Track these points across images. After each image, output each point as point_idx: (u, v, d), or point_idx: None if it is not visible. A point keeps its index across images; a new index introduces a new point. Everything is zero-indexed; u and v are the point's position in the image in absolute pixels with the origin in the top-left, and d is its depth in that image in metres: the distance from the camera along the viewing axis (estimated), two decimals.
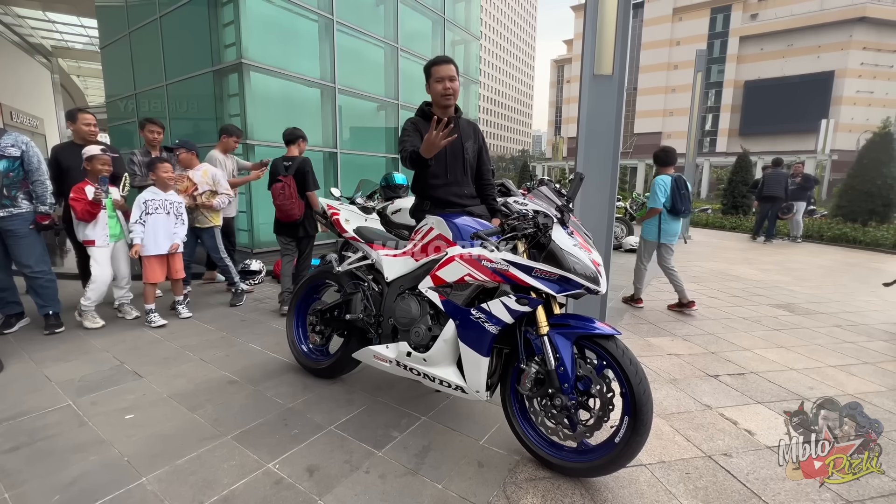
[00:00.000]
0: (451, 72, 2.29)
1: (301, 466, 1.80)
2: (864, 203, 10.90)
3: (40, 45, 15.37)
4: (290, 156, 3.86)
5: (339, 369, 2.55)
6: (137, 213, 3.42)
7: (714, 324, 3.86)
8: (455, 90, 2.32)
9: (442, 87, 2.29)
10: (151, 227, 3.44)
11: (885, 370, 2.97)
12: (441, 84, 2.29)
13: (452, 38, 9.40)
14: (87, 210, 3.26)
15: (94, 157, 3.35)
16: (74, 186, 3.28)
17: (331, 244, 6.48)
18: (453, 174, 2.40)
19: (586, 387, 1.68)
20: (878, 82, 37.89)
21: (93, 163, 3.35)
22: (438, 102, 2.37)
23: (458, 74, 2.37)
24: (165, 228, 3.52)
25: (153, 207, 3.46)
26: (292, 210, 3.68)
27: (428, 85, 2.37)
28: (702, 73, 9.33)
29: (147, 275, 3.49)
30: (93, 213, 3.29)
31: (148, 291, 3.50)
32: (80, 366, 2.73)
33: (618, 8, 2.59)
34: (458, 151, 2.42)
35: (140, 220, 3.41)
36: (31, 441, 1.94)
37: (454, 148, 2.41)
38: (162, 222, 3.50)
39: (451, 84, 2.29)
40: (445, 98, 2.32)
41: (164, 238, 3.50)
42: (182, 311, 3.68)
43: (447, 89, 2.29)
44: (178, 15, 6.40)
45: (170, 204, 3.56)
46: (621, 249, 7.79)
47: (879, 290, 5.38)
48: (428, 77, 2.35)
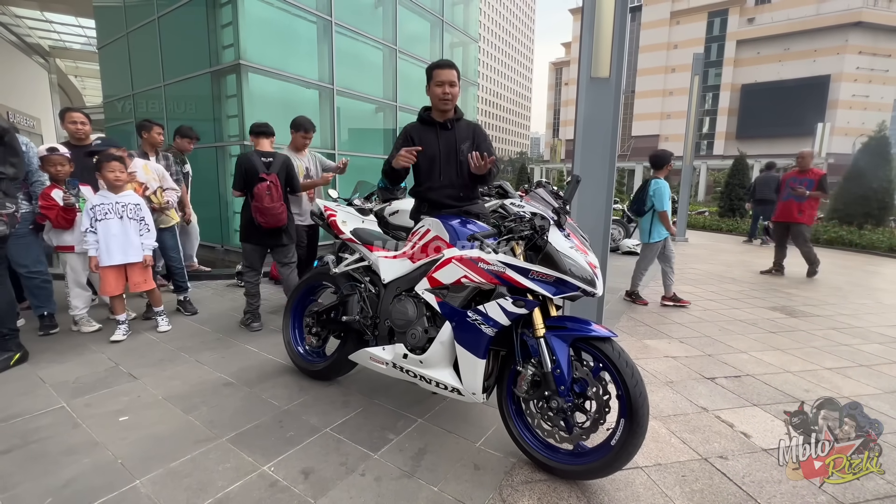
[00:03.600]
0: (451, 77, 2.31)
1: (296, 469, 1.79)
2: (859, 206, 10.96)
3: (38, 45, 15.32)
4: (266, 151, 3.44)
5: (335, 371, 2.54)
6: (87, 221, 3.01)
7: (710, 326, 3.87)
8: (454, 95, 2.35)
9: (441, 91, 2.32)
10: (102, 235, 3.03)
11: (880, 373, 2.98)
12: (441, 88, 2.32)
13: (451, 41, 9.41)
14: (61, 216, 3.07)
15: (43, 159, 3.07)
16: (41, 193, 3.05)
17: (328, 246, 6.47)
18: (447, 177, 2.43)
19: (583, 389, 1.68)
20: (873, 86, 38.21)
21: (44, 166, 3.08)
22: (436, 106, 2.40)
23: (459, 79, 2.38)
24: (119, 235, 3.07)
25: (102, 213, 3.03)
26: (281, 213, 3.26)
27: (428, 87, 2.39)
28: (699, 77, 9.38)
29: (102, 287, 3.13)
30: (68, 218, 3.11)
31: (112, 304, 3.22)
32: (75, 367, 2.71)
33: (615, 11, 2.60)
34: (453, 155, 2.44)
35: (91, 228, 3.01)
36: (23, 443, 1.93)
37: (448, 151, 2.43)
38: (114, 228, 3.05)
39: (450, 89, 2.32)
40: (443, 102, 2.35)
41: (116, 246, 3.06)
42: (160, 323, 3.37)
43: (446, 94, 2.32)
44: (177, 16, 6.39)
45: (122, 207, 3.08)
46: (618, 252, 7.81)
47: (875, 294, 5.40)
48: (429, 79, 2.37)
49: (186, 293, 3.91)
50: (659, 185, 4.31)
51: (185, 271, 3.91)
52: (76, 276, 3.29)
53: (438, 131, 2.44)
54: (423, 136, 2.43)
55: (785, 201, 6.02)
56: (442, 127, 2.44)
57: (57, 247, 3.27)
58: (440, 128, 2.44)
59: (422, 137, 2.43)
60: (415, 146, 2.38)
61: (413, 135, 2.44)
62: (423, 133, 2.44)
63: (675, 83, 44.48)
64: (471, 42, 9.96)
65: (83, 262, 3.29)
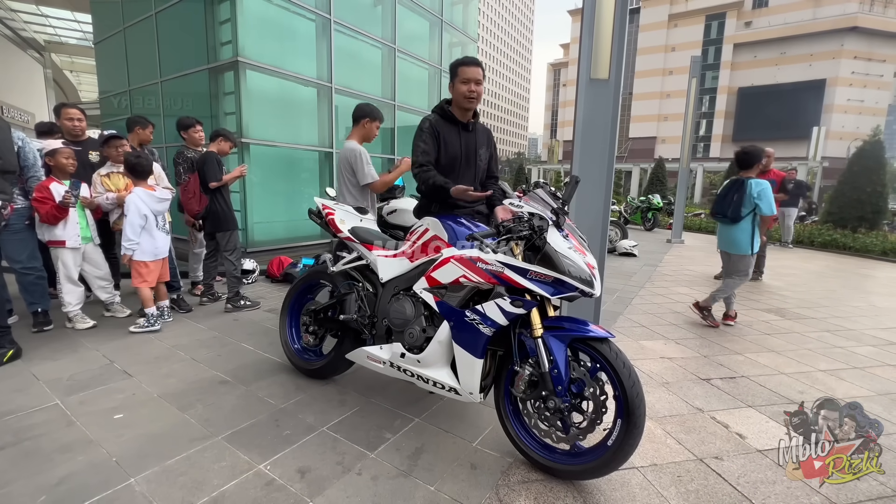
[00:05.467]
0: (478, 75, 2.28)
1: (293, 468, 1.78)
2: (853, 210, 11.06)
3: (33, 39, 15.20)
4: None
5: (332, 370, 2.53)
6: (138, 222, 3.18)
7: (707, 328, 3.88)
8: (479, 94, 2.31)
9: (467, 89, 2.28)
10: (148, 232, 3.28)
11: (873, 375, 3.00)
12: (467, 86, 2.28)
13: (450, 40, 9.41)
14: (52, 214, 3.04)
15: (56, 152, 3.13)
16: (38, 185, 3.04)
17: (326, 244, 6.45)
18: (465, 181, 2.40)
19: (580, 389, 1.69)
20: (868, 91, 38.50)
21: (56, 157, 3.12)
22: (461, 104, 2.34)
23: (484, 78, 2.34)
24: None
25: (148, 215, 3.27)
26: None
27: (452, 84, 2.34)
28: (696, 79, 9.42)
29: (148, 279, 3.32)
30: (58, 217, 3.08)
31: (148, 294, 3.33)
32: (69, 364, 2.69)
33: (614, 13, 2.61)
34: (472, 159, 2.44)
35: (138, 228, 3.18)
36: (17, 441, 1.91)
37: (468, 155, 2.43)
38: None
39: (476, 87, 2.28)
40: (469, 101, 2.30)
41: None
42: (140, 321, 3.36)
43: (472, 92, 2.28)
44: (174, 11, 6.35)
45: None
46: (616, 252, 7.83)
47: (869, 296, 5.45)
48: (454, 76, 2.32)
49: (179, 291, 3.90)
50: (763, 186, 3.72)
51: (177, 270, 3.90)
52: (67, 272, 3.25)
53: (461, 131, 2.42)
54: (447, 135, 2.38)
55: None
56: (464, 128, 2.42)
57: (48, 241, 3.21)
58: (462, 128, 2.42)
59: (445, 136, 2.37)
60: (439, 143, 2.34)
61: (439, 130, 2.37)
62: (446, 130, 2.39)
63: (672, 85, 44.63)
64: (470, 42, 9.96)
65: (75, 258, 3.28)
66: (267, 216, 6.08)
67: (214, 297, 4.15)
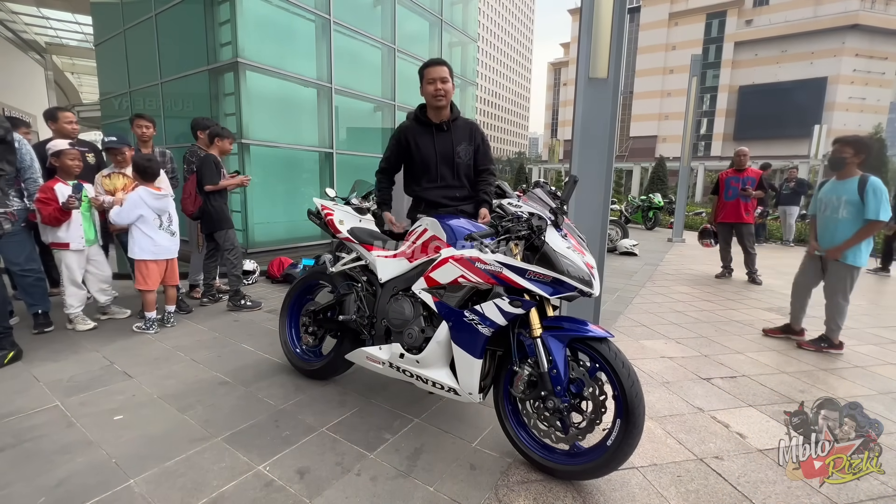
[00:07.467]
0: (442, 73, 2.31)
1: (292, 468, 1.78)
2: None
3: (34, 41, 15.22)
4: None
5: (331, 370, 2.53)
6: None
7: (707, 327, 3.88)
8: (447, 91, 2.33)
9: (434, 89, 2.32)
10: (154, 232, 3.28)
11: (874, 374, 2.99)
12: (433, 85, 2.31)
13: (450, 40, 9.41)
14: (54, 216, 3.02)
15: (62, 153, 3.13)
16: (42, 186, 3.05)
17: (326, 245, 6.46)
18: (443, 178, 2.43)
19: (579, 389, 1.68)
20: (869, 89, 38.43)
21: (62, 159, 3.13)
22: (431, 104, 2.39)
23: (453, 76, 2.38)
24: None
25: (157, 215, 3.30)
26: None
27: (421, 87, 2.39)
28: (697, 78, 9.40)
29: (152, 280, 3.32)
30: (60, 220, 3.07)
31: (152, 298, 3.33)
32: (69, 366, 2.70)
33: (613, 12, 2.60)
34: (449, 156, 2.44)
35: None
36: (17, 442, 1.91)
37: (444, 154, 2.44)
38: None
39: (442, 85, 2.31)
40: (437, 99, 2.34)
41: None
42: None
43: (438, 90, 2.31)
44: (174, 13, 6.36)
45: None
46: (616, 252, 7.82)
47: (868, 295, 5.43)
48: (421, 79, 2.38)
49: (180, 292, 3.89)
50: (878, 184, 3.13)
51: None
52: (71, 275, 3.25)
53: (434, 133, 2.44)
54: (419, 139, 2.43)
55: (731, 201, 5.75)
56: (438, 129, 2.44)
57: (51, 244, 3.21)
58: (436, 129, 2.44)
59: (417, 140, 2.43)
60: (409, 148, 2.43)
61: (408, 136, 2.44)
62: (418, 135, 2.44)
63: (673, 84, 44.58)
64: (469, 42, 9.96)
65: (79, 260, 3.28)
66: (267, 217, 6.09)
67: (215, 297, 4.16)
